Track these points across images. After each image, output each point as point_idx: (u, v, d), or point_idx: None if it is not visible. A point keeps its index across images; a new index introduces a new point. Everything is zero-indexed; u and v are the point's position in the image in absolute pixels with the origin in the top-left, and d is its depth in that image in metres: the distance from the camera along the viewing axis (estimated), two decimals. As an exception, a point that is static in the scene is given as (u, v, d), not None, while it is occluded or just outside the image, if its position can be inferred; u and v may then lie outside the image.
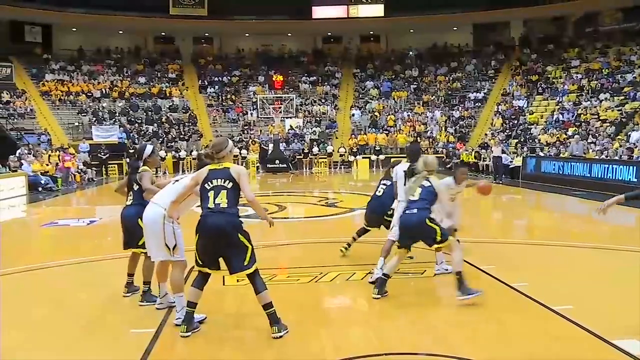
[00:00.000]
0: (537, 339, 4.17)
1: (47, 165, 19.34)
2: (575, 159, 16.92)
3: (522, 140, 24.58)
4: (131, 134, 26.92)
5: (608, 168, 14.43)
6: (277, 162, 25.16)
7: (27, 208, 14.74)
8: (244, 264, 4.17)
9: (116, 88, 30.30)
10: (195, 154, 24.24)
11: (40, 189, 17.35)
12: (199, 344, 4.19)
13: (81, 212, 13.71)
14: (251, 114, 29.77)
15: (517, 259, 6.88)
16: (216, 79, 32.58)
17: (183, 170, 24.60)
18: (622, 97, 23.19)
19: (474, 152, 23.94)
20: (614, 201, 4.30)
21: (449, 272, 5.99)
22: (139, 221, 4.81)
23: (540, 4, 30.86)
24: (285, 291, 5.48)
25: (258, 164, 25.62)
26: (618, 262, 6.70)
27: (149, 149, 5.25)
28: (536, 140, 23.57)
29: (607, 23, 30.67)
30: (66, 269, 6.76)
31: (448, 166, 22.65)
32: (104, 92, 29.81)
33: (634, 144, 17.42)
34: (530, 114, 26.54)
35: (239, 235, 4.18)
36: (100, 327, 4.62)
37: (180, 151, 26.15)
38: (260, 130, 28.84)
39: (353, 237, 6.86)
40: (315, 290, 5.66)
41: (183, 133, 28.06)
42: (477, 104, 29.88)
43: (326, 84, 32.63)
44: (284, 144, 27.11)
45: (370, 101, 31.07)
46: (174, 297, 4.59)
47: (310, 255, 7.44)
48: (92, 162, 23.53)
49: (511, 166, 20.23)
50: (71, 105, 28.44)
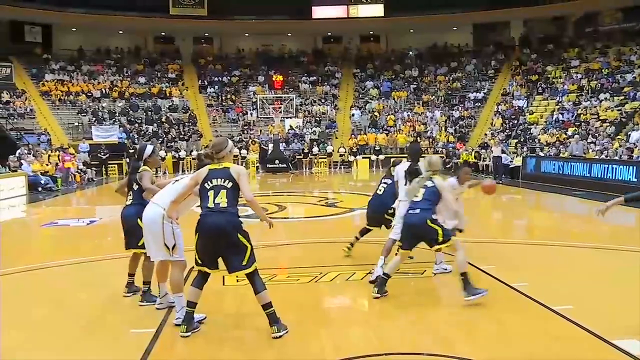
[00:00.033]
0: (537, 339, 4.17)
1: (47, 165, 19.34)
2: (575, 159, 16.91)
3: (522, 140, 24.57)
4: (131, 134, 26.90)
5: (608, 168, 14.43)
6: (277, 162, 25.15)
7: (27, 208, 14.73)
8: (242, 263, 4.18)
9: (116, 88, 30.28)
10: (195, 154, 24.22)
11: (40, 189, 17.34)
12: (199, 344, 4.19)
13: (81, 212, 13.70)
14: (251, 114, 29.75)
15: (517, 259, 6.88)
16: (216, 79, 32.56)
17: (183, 170, 24.58)
18: (622, 97, 23.17)
19: (473, 152, 23.95)
20: (613, 203, 4.31)
21: (448, 271, 6.02)
22: (139, 221, 4.81)
23: (540, 4, 30.83)
24: (285, 291, 5.49)
25: (258, 164, 25.60)
26: (618, 262, 6.71)
27: (150, 149, 5.25)
28: (536, 140, 23.55)
29: (607, 23, 30.65)
30: (66, 269, 6.76)
31: (448, 166, 22.65)
32: (103, 92, 29.79)
33: (633, 143, 17.41)
34: (530, 114, 26.51)
35: (239, 234, 4.19)
36: (100, 327, 4.63)
37: (180, 151, 26.14)
38: (260, 130, 28.83)
39: (356, 237, 6.87)
40: (315, 290, 5.67)
41: (183, 133, 28.04)
42: (477, 104, 29.86)
43: (326, 84, 32.61)
44: (283, 144, 27.09)
45: (370, 101, 31.05)
46: (173, 297, 4.59)
47: (310, 255, 7.44)
48: (92, 162, 23.53)
49: (511, 166, 20.25)
50: (71, 105, 28.42)
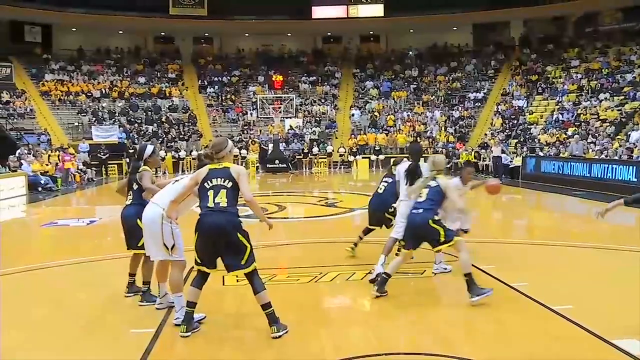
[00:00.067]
0: (537, 339, 4.17)
1: (47, 165, 19.33)
2: (575, 159, 16.91)
3: (521, 140, 24.56)
4: (131, 134, 26.89)
5: (608, 168, 14.43)
6: (276, 162, 25.15)
7: (27, 208, 14.72)
8: (241, 262, 4.18)
9: (116, 88, 30.27)
10: (195, 154, 24.25)
11: (40, 189, 17.33)
12: (198, 344, 4.19)
13: (81, 212, 13.70)
14: (251, 114, 29.74)
15: (517, 259, 6.89)
16: (216, 79, 32.56)
17: (183, 170, 24.55)
18: (622, 97, 23.17)
19: (473, 152, 23.93)
20: (613, 206, 4.32)
21: (448, 271, 6.02)
22: (138, 221, 4.82)
23: (540, 4, 30.82)
24: (285, 291, 5.49)
25: (258, 164, 25.59)
26: (618, 262, 6.71)
27: (150, 149, 5.24)
28: (536, 140, 23.55)
29: (607, 23, 30.66)
30: (66, 269, 6.75)
31: (448, 166, 22.64)
32: (103, 92, 29.78)
33: (633, 143, 17.41)
34: (530, 114, 26.51)
35: (239, 234, 4.19)
36: (100, 327, 4.63)
37: (180, 151, 26.12)
38: (260, 130, 28.82)
39: (359, 237, 6.88)
40: (315, 290, 5.66)
41: (183, 133, 28.04)
42: (476, 104, 29.85)
43: (326, 84, 32.61)
44: (283, 144, 27.09)
45: (370, 101, 31.05)
46: (173, 297, 4.59)
47: (310, 255, 7.44)
48: (92, 162, 23.52)
49: (511, 166, 20.26)
50: (71, 105, 28.41)
